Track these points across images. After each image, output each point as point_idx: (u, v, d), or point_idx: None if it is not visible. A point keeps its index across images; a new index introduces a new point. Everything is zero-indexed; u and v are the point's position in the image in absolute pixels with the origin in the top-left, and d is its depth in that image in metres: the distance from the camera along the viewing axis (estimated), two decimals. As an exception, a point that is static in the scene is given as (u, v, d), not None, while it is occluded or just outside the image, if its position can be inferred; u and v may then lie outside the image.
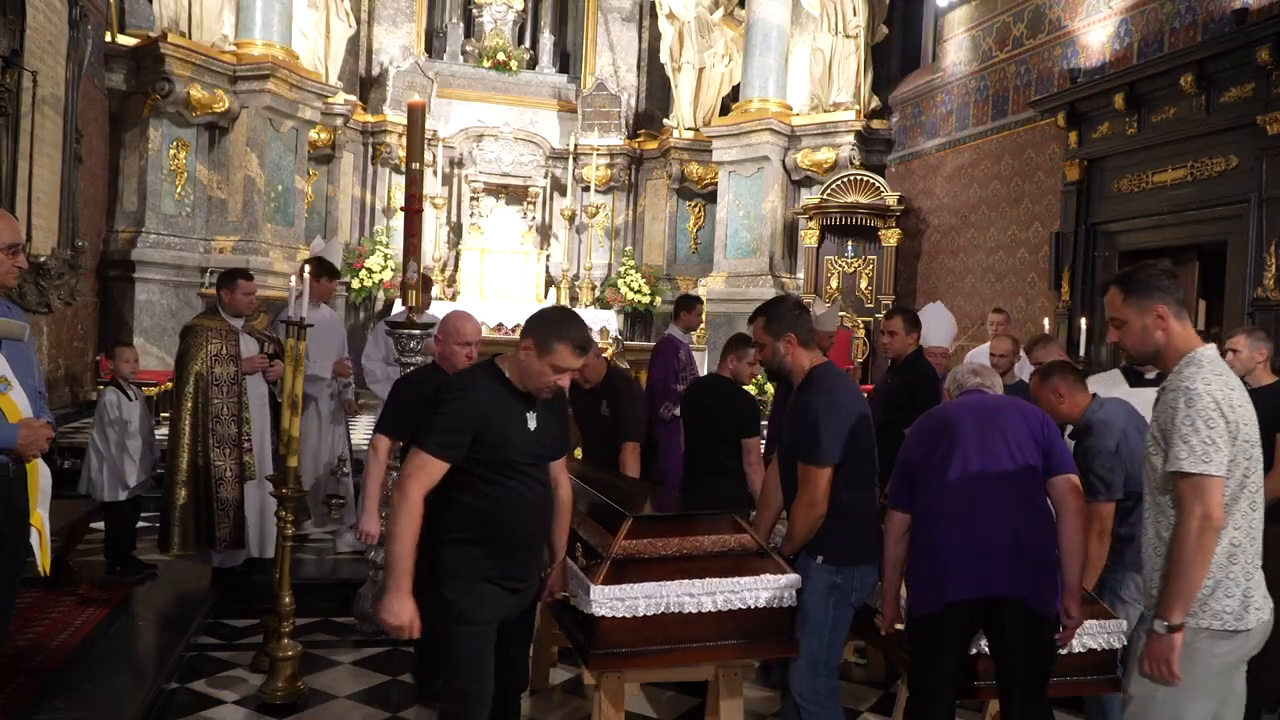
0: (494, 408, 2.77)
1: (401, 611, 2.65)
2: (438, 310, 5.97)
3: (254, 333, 5.39)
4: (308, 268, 4.60)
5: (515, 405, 2.81)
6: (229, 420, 5.15)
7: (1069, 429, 3.80)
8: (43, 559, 3.11)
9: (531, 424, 2.84)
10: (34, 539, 3.03)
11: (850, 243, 11.62)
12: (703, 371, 9.50)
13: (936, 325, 6.06)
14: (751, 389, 6.54)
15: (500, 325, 11.90)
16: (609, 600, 3.03)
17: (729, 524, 3.36)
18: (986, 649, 3.14)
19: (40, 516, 3.04)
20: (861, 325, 11.36)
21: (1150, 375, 4.34)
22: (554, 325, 2.77)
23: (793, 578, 3.19)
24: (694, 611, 3.11)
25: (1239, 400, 2.46)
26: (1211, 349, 2.56)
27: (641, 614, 3.05)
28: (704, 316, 8.33)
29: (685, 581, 3.10)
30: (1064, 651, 3.13)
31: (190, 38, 10.06)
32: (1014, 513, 3.03)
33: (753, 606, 3.16)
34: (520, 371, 2.81)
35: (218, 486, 5.08)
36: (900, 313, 5.47)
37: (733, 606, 3.14)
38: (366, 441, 4.99)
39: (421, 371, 4.29)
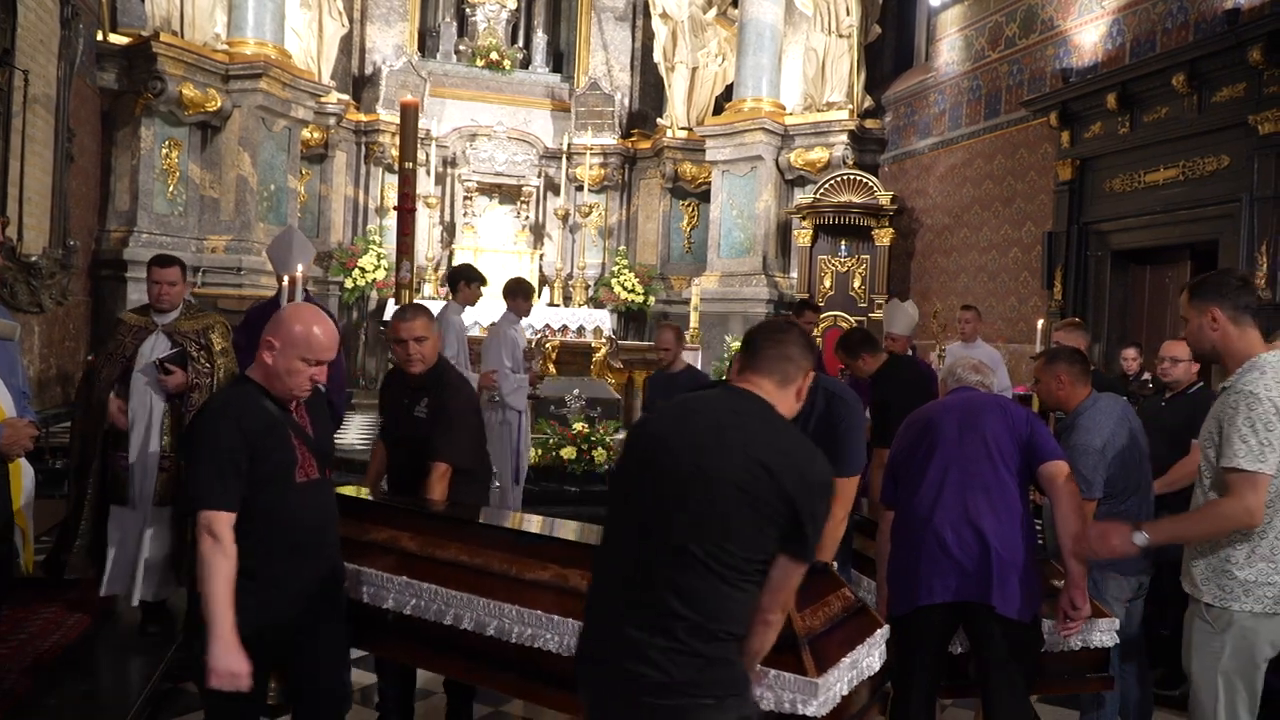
0: None
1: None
2: (430, 310, 5.93)
3: (177, 334, 4.47)
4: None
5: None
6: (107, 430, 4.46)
7: (1054, 422, 3.81)
8: (26, 557, 3.11)
9: None
10: (17, 538, 3.03)
11: (843, 242, 11.62)
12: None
13: (897, 316, 6.63)
14: None
15: (492, 325, 11.86)
16: (830, 691, 2.32)
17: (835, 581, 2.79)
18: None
19: (24, 516, 3.03)
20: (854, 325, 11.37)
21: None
22: None
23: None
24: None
25: None
26: (1275, 355, 2.73)
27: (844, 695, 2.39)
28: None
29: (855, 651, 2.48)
30: (1063, 648, 3.14)
31: (182, 37, 10.03)
32: (986, 516, 3.03)
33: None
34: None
35: (81, 500, 4.45)
36: (840, 347, 5.76)
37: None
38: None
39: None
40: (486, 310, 12.05)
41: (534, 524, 3.24)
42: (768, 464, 1.99)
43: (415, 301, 5.07)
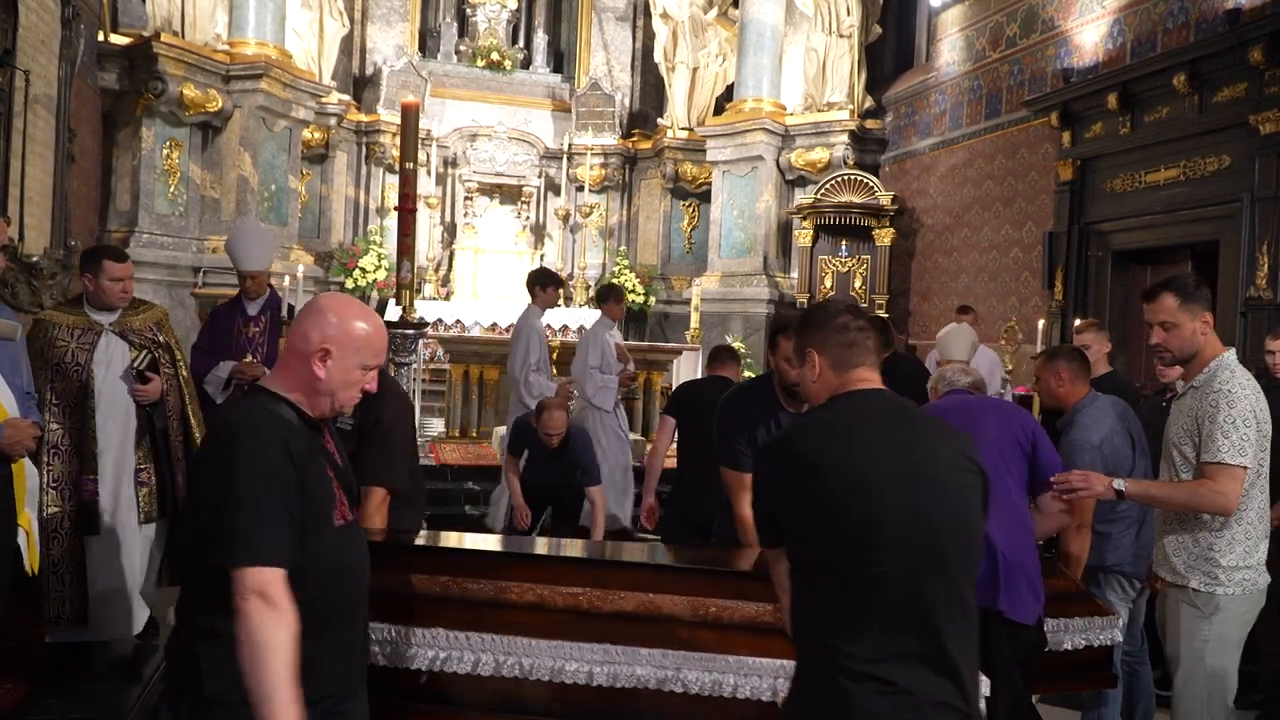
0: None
1: None
2: (431, 310, 5.98)
3: (129, 333, 4.00)
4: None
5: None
6: (68, 453, 3.85)
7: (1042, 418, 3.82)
8: (30, 558, 3.11)
9: None
10: (21, 539, 3.03)
11: (844, 242, 11.62)
12: (699, 374, 9.50)
13: (958, 343, 5.90)
14: None
15: (494, 325, 11.89)
16: None
17: None
18: None
19: (28, 517, 3.03)
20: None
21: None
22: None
23: None
24: None
25: (1262, 402, 2.90)
26: (1233, 353, 2.96)
27: None
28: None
29: None
30: (1065, 648, 3.14)
31: (183, 37, 10.03)
32: (991, 520, 3.03)
33: None
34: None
35: (50, 541, 3.76)
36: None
37: None
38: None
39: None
40: (502, 310, 12.08)
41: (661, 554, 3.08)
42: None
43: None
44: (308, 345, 2.01)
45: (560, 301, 6.97)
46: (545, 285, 6.69)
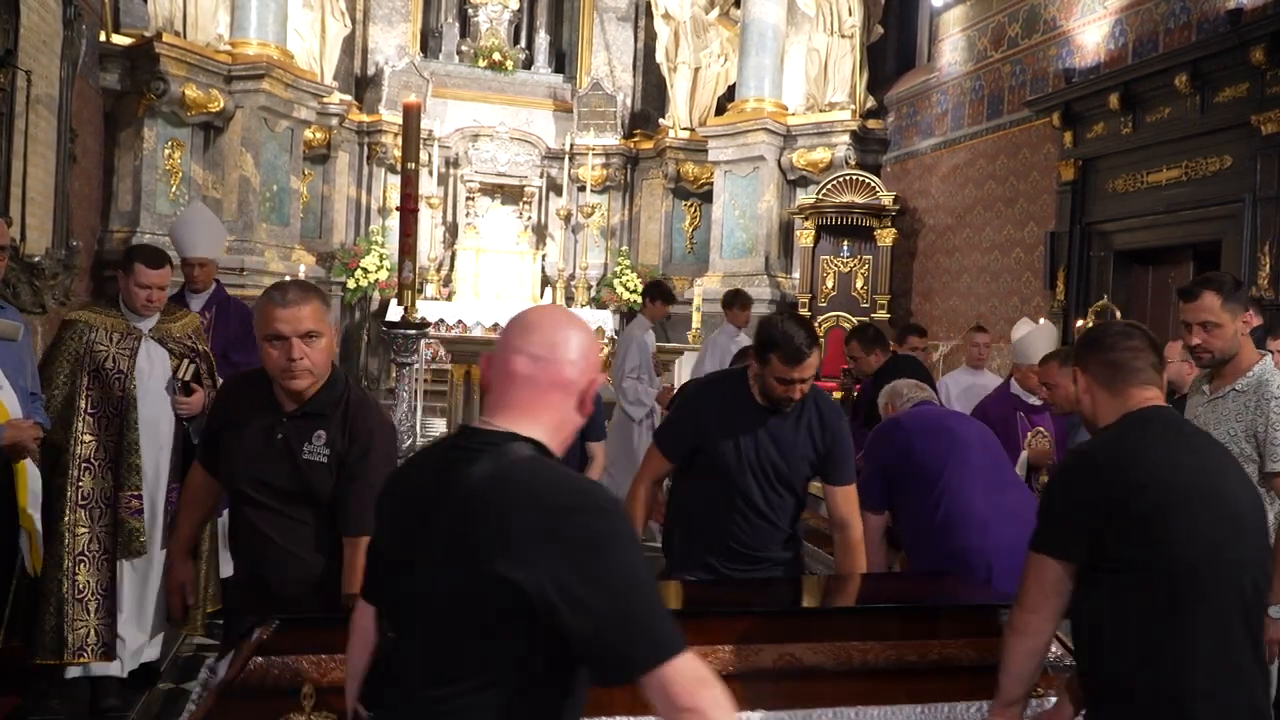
0: None
1: None
2: (433, 310, 5.97)
3: (169, 339, 3.73)
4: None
5: None
6: (102, 468, 3.54)
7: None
8: (33, 559, 3.10)
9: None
10: (23, 540, 3.02)
11: (846, 242, 11.61)
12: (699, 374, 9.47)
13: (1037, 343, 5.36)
14: None
15: (495, 325, 11.89)
16: None
17: None
18: None
19: (31, 518, 3.03)
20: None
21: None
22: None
23: None
24: None
25: None
26: (1270, 358, 2.92)
27: None
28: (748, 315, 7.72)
29: None
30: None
31: (185, 37, 10.03)
32: (1008, 517, 3.05)
33: None
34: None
35: (76, 565, 3.44)
36: (856, 336, 5.53)
37: None
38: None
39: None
40: (503, 310, 12.08)
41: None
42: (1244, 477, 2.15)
43: (300, 280, 4.19)
44: (580, 377, 1.61)
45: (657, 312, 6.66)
46: (653, 298, 6.68)
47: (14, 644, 3.39)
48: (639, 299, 13.13)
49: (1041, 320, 6.78)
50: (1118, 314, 5.68)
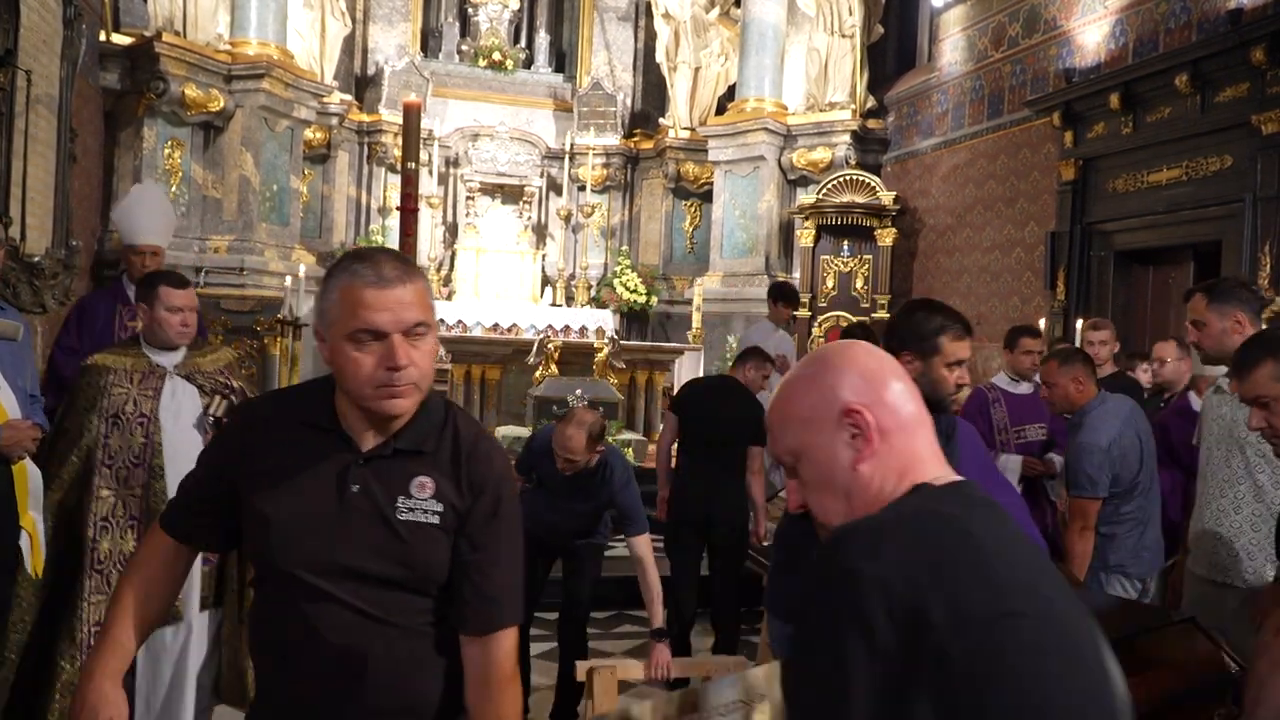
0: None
1: None
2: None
3: (198, 375, 3.35)
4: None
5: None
6: (121, 527, 3.17)
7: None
8: (34, 561, 3.09)
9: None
10: (24, 542, 3.01)
11: (846, 242, 11.61)
12: (699, 374, 9.50)
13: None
14: None
15: (496, 325, 11.89)
16: None
17: None
18: None
19: (32, 519, 3.02)
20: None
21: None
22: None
23: None
24: None
25: None
26: None
27: None
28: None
29: None
30: None
31: (185, 37, 10.03)
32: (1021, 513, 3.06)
33: None
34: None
35: (92, 638, 2.98)
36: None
37: None
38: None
39: None
40: (503, 310, 12.08)
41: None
42: None
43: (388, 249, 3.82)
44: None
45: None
46: (776, 300, 6.62)
47: None
48: (639, 299, 13.20)
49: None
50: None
